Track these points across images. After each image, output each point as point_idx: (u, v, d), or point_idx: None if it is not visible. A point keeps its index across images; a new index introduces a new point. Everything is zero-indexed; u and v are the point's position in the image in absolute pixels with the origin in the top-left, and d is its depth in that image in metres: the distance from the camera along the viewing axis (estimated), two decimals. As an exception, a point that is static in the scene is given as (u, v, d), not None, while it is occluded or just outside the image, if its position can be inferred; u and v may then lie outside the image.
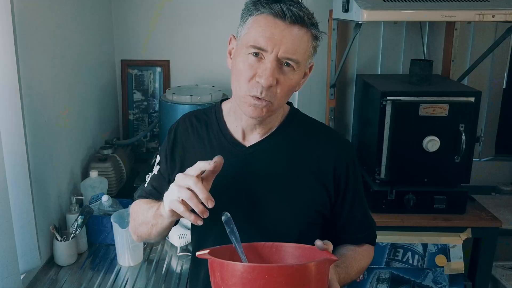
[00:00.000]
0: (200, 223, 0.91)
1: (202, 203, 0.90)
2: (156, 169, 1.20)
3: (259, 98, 0.99)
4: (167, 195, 0.96)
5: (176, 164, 1.15)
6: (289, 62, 0.98)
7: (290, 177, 1.09)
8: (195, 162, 1.11)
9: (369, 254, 1.19)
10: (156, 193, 1.19)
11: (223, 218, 0.94)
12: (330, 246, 0.92)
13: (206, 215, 0.90)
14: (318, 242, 0.91)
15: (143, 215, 1.13)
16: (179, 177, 0.93)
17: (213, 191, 0.97)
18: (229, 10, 2.34)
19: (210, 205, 0.90)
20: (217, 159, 0.93)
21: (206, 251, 0.88)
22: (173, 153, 1.16)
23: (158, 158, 1.21)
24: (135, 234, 1.19)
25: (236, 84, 1.02)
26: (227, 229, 0.93)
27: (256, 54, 0.98)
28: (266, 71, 0.97)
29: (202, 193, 0.90)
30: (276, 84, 0.99)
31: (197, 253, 0.90)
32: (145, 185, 1.23)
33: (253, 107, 1.01)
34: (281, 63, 0.98)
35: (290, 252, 0.97)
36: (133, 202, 1.24)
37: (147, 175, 1.24)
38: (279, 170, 1.09)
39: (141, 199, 1.22)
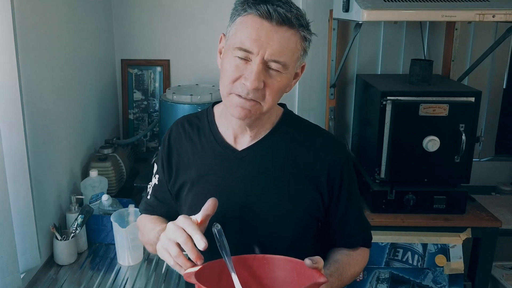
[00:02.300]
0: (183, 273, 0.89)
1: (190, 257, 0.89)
2: (155, 179, 1.20)
3: (245, 98, 0.98)
4: (159, 242, 0.94)
5: (173, 170, 1.15)
6: (276, 64, 0.96)
7: (283, 180, 1.08)
8: (189, 168, 1.12)
9: (364, 257, 1.18)
10: (160, 204, 1.20)
11: (213, 230, 0.93)
12: (320, 263, 0.89)
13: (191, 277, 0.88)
14: (307, 261, 0.88)
15: (148, 236, 1.14)
16: (170, 229, 0.91)
17: (206, 196, 0.97)
18: (229, 10, 2.34)
19: (199, 262, 0.88)
20: (209, 207, 0.93)
21: (194, 270, 0.87)
22: (170, 160, 1.15)
23: (155, 168, 1.20)
24: (145, 246, 1.22)
25: (222, 84, 1.01)
26: (217, 243, 0.92)
27: (243, 56, 0.97)
28: (252, 74, 0.95)
29: (191, 253, 0.88)
30: (264, 86, 0.97)
31: (184, 273, 0.89)
32: (148, 197, 1.23)
33: (240, 108, 0.99)
34: (268, 66, 0.97)
35: (281, 265, 0.95)
36: (139, 216, 1.26)
37: (148, 185, 1.24)
38: (271, 173, 1.08)
39: (146, 213, 1.23)
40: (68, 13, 1.82)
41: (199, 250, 0.88)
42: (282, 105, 1.17)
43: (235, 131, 1.09)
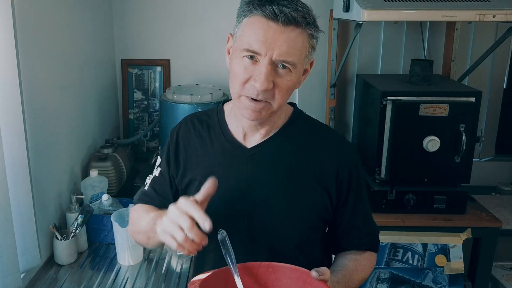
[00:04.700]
0: (193, 253, 0.88)
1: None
2: (157, 171, 1.19)
3: (255, 100, 0.98)
4: (160, 226, 0.92)
5: (180, 166, 1.14)
6: (285, 64, 0.96)
7: (291, 179, 1.08)
8: (197, 164, 1.11)
9: (371, 262, 1.17)
10: (157, 196, 1.19)
11: (219, 236, 0.93)
12: (326, 275, 0.89)
13: (195, 252, 0.88)
14: (313, 273, 0.88)
15: (140, 224, 1.12)
16: (173, 212, 0.89)
17: (214, 194, 0.96)
18: (229, 9, 2.33)
19: (204, 242, 0.86)
20: (210, 186, 0.92)
21: (200, 279, 0.86)
22: (177, 156, 1.15)
23: (159, 160, 1.20)
24: (133, 238, 1.19)
25: (232, 86, 1.01)
26: (223, 250, 0.91)
27: (251, 57, 0.96)
28: (261, 75, 0.95)
29: (197, 237, 0.86)
30: (273, 86, 0.97)
31: (189, 283, 0.88)
32: (146, 187, 1.22)
33: (250, 110, 1.00)
34: (276, 66, 0.97)
35: (287, 273, 0.94)
36: (133, 206, 1.24)
37: (148, 177, 1.24)
38: (280, 172, 1.08)
39: (141, 203, 1.21)
40: (68, 13, 1.82)
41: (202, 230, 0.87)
42: (292, 104, 1.17)
43: (246, 129, 1.09)
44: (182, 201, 0.90)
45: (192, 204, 0.88)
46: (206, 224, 0.85)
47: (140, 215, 1.15)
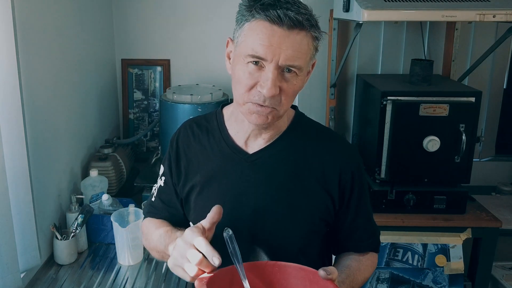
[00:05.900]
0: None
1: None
2: (161, 181, 1.19)
3: (262, 105, 0.96)
4: (171, 260, 0.92)
5: (182, 173, 1.13)
6: (291, 68, 0.95)
7: (293, 184, 1.07)
8: (198, 171, 1.10)
9: (373, 263, 1.17)
10: (164, 206, 1.18)
11: (224, 235, 0.92)
12: (334, 274, 0.88)
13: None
14: (321, 272, 0.87)
15: (154, 242, 1.12)
16: (181, 246, 0.89)
17: (216, 199, 0.96)
18: (229, 9, 2.34)
19: (217, 263, 0.87)
20: (215, 215, 0.92)
21: (206, 277, 0.86)
22: (178, 163, 1.14)
23: (162, 169, 1.19)
24: (150, 252, 1.20)
25: (237, 92, 0.99)
26: (229, 249, 0.91)
27: (256, 63, 0.94)
28: (268, 82, 0.93)
29: (207, 269, 0.87)
30: (279, 91, 0.95)
31: (196, 282, 0.88)
32: (153, 199, 1.21)
33: (257, 114, 0.98)
34: (282, 70, 0.95)
35: (293, 273, 0.94)
36: (144, 219, 1.24)
37: (154, 186, 1.23)
38: (282, 177, 1.07)
39: (149, 216, 1.21)
40: (68, 13, 1.82)
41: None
42: (294, 106, 1.15)
43: (249, 134, 1.08)
44: (189, 233, 0.89)
45: (199, 238, 0.87)
46: (215, 259, 0.85)
47: (150, 231, 1.16)
